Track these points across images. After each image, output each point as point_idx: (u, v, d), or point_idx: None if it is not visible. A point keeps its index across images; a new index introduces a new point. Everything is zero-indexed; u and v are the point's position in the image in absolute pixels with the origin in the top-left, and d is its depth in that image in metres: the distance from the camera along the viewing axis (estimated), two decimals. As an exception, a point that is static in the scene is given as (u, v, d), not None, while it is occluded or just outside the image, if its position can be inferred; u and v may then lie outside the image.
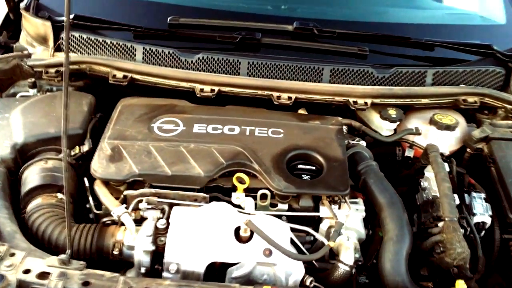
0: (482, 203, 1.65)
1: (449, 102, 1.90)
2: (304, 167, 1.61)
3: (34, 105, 1.77)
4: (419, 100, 1.89)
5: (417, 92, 1.87)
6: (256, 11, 2.08)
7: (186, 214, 1.46)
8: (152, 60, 1.88)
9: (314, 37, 1.98)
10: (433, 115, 1.88)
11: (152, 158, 1.56)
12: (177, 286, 1.28)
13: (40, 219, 1.45)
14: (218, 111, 1.78)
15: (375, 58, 1.94)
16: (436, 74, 1.93)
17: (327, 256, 1.52)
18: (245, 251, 1.40)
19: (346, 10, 2.15)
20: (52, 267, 1.29)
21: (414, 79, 1.92)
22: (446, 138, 1.84)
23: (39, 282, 1.25)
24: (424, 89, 1.89)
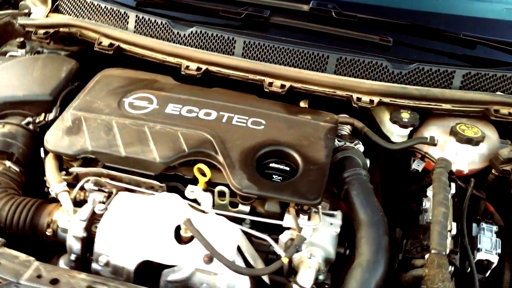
0: (492, 237, 1.35)
1: (477, 111, 1.58)
2: (277, 166, 1.39)
3: (13, 66, 1.68)
4: (439, 104, 1.58)
5: (437, 95, 1.57)
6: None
7: (128, 202, 1.30)
8: (144, 30, 1.72)
9: (331, 21, 1.72)
10: (456, 124, 1.58)
11: (111, 136, 1.41)
12: (91, 282, 1.13)
13: None
14: (200, 92, 1.59)
15: (392, 49, 1.65)
16: (467, 76, 1.60)
17: (286, 272, 1.30)
18: (183, 253, 1.22)
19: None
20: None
21: (438, 80, 1.61)
22: (466, 153, 1.54)
23: None
24: (446, 92, 1.58)
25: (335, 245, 1.32)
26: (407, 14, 1.75)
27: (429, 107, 1.59)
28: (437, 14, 1.75)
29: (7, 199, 1.32)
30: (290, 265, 1.29)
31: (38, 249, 1.33)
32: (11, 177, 1.40)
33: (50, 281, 1.11)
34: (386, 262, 1.23)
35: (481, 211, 1.47)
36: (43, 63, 1.69)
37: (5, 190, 1.35)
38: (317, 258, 1.28)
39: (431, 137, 1.55)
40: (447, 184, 1.35)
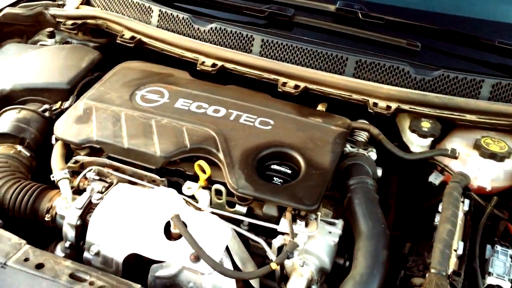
0: (506, 262, 1.24)
1: (506, 124, 1.46)
2: (278, 168, 1.34)
3: (39, 54, 1.73)
4: (463, 115, 1.47)
5: (460, 105, 1.46)
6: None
7: (124, 194, 1.30)
8: (166, 25, 1.72)
9: (357, 22, 1.66)
10: (481, 137, 1.47)
11: (117, 127, 1.41)
12: (74, 269, 1.13)
13: None
14: (213, 88, 1.57)
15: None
16: (497, 86, 1.48)
17: (278, 278, 1.25)
18: (172, 249, 1.20)
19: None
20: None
21: (464, 89, 1.49)
22: (490, 169, 1.43)
23: None
24: (471, 102, 1.46)
25: (331, 255, 1.26)
26: (437, 17, 1.65)
27: (452, 117, 1.48)
28: (470, 19, 1.64)
29: (12, 182, 1.35)
30: (282, 271, 1.24)
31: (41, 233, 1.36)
32: (21, 161, 1.44)
33: (36, 265, 1.13)
34: (381, 277, 1.15)
35: (500, 232, 1.35)
36: (67, 52, 1.73)
37: (12, 173, 1.38)
38: (311, 267, 1.22)
39: (452, 149, 1.45)
40: (459, 200, 1.26)
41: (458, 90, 1.50)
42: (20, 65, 1.67)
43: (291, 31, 1.70)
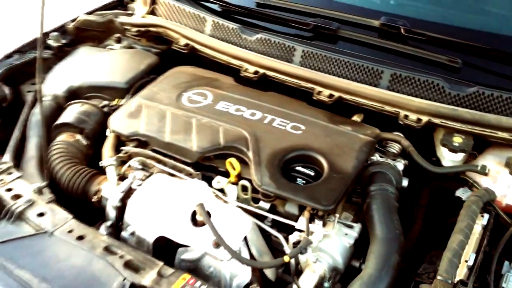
0: (522, 279, 1.23)
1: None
2: (303, 170, 1.42)
3: (104, 57, 1.93)
4: (494, 132, 1.47)
5: (491, 121, 1.46)
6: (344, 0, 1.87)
7: (160, 183, 1.43)
8: (218, 34, 1.86)
9: (400, 38, 1.70)
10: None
11: (162, 123, 1.56)
12: (109, 244, 1.28)
13: (53, 153, 1.58)
14: (254, 94, 1.68)
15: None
16: (534, 105, 1.47)
17: (293, 272, 1.33)
18: (196, 235, 1.31)
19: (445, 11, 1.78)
20: (28, 192, 1.41)
21: (499, 107, 1.49)
22: (519, 186, 1.42)
23: (9, 202, 1.38)
24: (503, 119, 1.46)
25: (345, 256, 1.31)
26: (478, 35, 1.65)
27: (484, 134, 1.49)
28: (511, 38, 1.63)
29: (68, 166, 1.54)
30: (297, 266, 1.32)
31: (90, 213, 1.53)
32: (78, 149, 1.62)
33: (77, 237, 1.29)
34: (390, 280, 1.20)
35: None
36: (129, 56, 1.92)
37: (69, 158, 1.57)
38: (323, 264, 1.29)
39: (482, 165, 1.46)
40: (476, 214, 1.27)
41: (493, 107, 1.50)
42: (88, 65, 1.88)
43: (334, 44, 1.77)
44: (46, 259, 1.23)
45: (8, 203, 1.37)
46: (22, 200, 1.38)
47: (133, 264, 1.22)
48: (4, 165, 1.51)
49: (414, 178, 1.57)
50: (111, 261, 1.22)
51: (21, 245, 1.27)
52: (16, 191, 1.42)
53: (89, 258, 1.23)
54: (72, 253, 1.25)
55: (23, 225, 1.33)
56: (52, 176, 1.54)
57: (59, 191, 1.52)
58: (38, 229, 1.31)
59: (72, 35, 2.10)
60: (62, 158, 1.56)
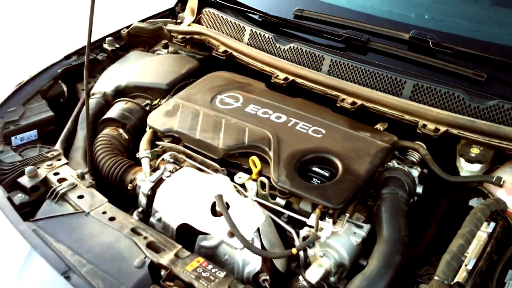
0: (524, 288, 1.26)
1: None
2: (318, 171, 1.50)
3: (153, 60, 2.11)
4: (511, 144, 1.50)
5: (508, 134, 1.48)
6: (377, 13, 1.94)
7: (187, 175, 1.57)
8: (255, 42, 1.98)
9: (428, 51, 1.76)
10: (528, 168, 1.48)
11: (194, 122, 1.69)
12: (136, 226, 1.42)
13: (97, 144, 1.76)
14: (282, 99, 1.78)
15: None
16: (554, 120, 1.48)
17: (302, 265, 1.41)
18: (214, 224, 1.43)
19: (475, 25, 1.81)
20: (72, 176, 1.59)
21: (519, 120, 1.52)
22: (532, 200, 1.43)
23: (55, 184, 1.56)
24: (519, 132, 1.48)
25: (352, 253, 1.38)
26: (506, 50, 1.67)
27: (501, 146, 1.51)
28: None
29: (109, 157, 1.70)
30: (306, 259, 1.40)
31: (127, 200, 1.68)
32: (120, 141, 1.79)
33: (109, 218, 1.44)
34: (390, 278, 1.26)
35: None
36: (172, 61, 2.08)
37: (111, 150, 1.74)
38: (330, 259, 1.36)
39: (497, 177, 1.48)
40: (481, 221, 1.30)
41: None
42: (135, 68, 2.06)
43: (363, 54, 1.85)
44: (81, 235, 1.39)
45: (54, 185, 1.56)
46: (66, 183, 1.56)
47: (154, 245, 1.36)
48: (55, 152, 1.70)
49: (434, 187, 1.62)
50: (136, 240, 1.36)
51: (60, 221, 1.44)
52: (62, 175, 1.60)
53: (117, 236, 1.38)
54: (103, 232, 1.40)
55: (65, 205, 1.50)
56: (95, 164, 1.72)
57: (99, 178, 1.69)
58: (76, 209, 1.48)
59: (125, 40, 2.30)
60: (105, 149, 1.73)
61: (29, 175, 1.57)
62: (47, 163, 1.64)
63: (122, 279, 1.26)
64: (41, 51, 4.44)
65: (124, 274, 1.27)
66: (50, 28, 5.19)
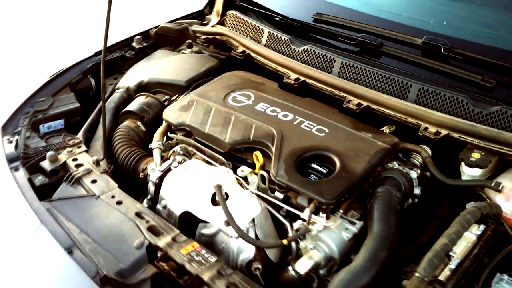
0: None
1: (557, 165, 1.44)
2: (316, 167, 1.55)
3: (175, 59, 2.22)
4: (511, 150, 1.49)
5: (508, 139, 1.48)
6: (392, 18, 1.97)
7: (193, 167, 1.65)
8: (272, 44, 2.05)
9: (439, 56, 1.77)
10: (530, 175, 1.47)
11: (206, 117, 1.78)
12: (140, 210, 1.52)
13: (116, 135, 1.87)
14: (291, 98, 1.84)
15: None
16: (557, 128, 1.47)
17: (294, 257, 1.46)
18: (214, 213, 1.50)
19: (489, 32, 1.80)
20: (88, 163, 1.71)
21: (522, 127, 1.52)
22: (530, 206, 1.42)
23: (73, 168, 1.68)
24: (519, 138, 1.48)
25: (342, 248, 1.41)
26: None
27: (501, 151, 1.51)
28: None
29: (126, 147, 1.81)
30: (298, 252, 1.45)
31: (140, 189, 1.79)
32: (137, 133, 1.90)
33: (117, 202, 1.54)
34: (374, 272, 1.29)
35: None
36: (194, 59, 2.18)
37: (128, 140, 1.85)
38: (320, 252, 1.40)
39: (496, 182, 1.48)
40: (469, 222, 1.31)
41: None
42: (159, 65, 2.17)
43: (376, 58, 1.89)
44: (89, 216, 1.50)
45: (72, 170, 1.68)
46: (82, 169, 1.67)
47: (155, 229, 1.44)
48: (76, 140, 1.83)
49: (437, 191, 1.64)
50: (138, 223, 1.45)
51: (73, 203, 1.55)
52: (80, 161, 1.72)
53: (122, 219, 1.48)
54: (109, 214, 1.50)
55: (79, 188, 1.62)
56: (113, 153, 1.83)
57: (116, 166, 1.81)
58: (89, 193, 1.59)
59: (153, 39, 2.42)
60: (122, 140, 1.84)
61: (50, 160, 1.70)
62: (67, 149, 1.77)
63: (121, 258, 1.35)
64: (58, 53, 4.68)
65: (123, 254, 1.36)
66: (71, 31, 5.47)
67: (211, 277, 1.29)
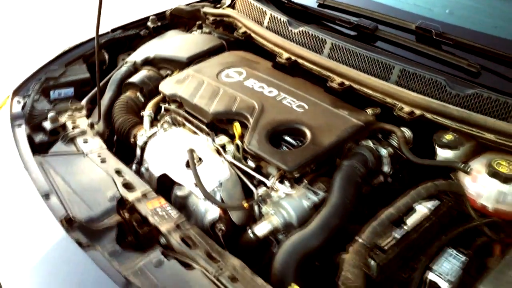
0: (454, 265, 1.27)
1: (525, 149, 1.43)
2: (288, 139, 1.61)
3: (182, 38, 2.32)
4: (481, 132, 1.48)
5: (478, 121, 1.48)
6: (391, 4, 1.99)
7: (176, 134, 1.74)
8: (272, 26, 2.12)
9: (430, 40, 1.78)
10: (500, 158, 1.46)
11: (196, 90, 1.87)
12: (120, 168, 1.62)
13: (117, 103, 2.00)
14: (280, 76, 1.90)
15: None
16: (530, 112, 1.45)
17: (257, 218, 1.52)
18: (186, 176, 1.59)
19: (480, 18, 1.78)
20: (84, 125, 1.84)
21: (496, 110, 1.50)
22: (493, 189, 1.41)
23: (70, 129, 1.82)
24: (489, 120, 1.46)
25: (301, 216, 1.45)
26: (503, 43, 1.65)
27: (472, 133, 1.51)
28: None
29: (122, 114, 1.94)
30: (260, 216, 1.52)
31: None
32: (136, 103, 2.01)
33: (101, 160, 1.66)
34: (323, 238, 1.34)
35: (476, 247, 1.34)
36: (199, 39, 2.28)
37: (126, 109, 1.97)
38: (279, 217, 1.46)
39: (465, 164, 1.48)
40: (420, 196, 1.34)
41: (490, 110, 1.51)
42: (167, 43, 2.29)
43: (369, 42, 1.91)
44: (74, 170, 1.62)
45: (69, 131, 1.81)
46: (77, 130, 1.81)
47: (129, 185, 1.55)
48: (78, 105, 1.97)
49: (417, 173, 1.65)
50: (115, 179, 1.57)
51: (63, 158, 1.69)
52: (77, 124, 1.86)
53: (102, 175, 1.59)
54: (93, 170, 1.62)
55: (71, 147, 1.75)
56: (112, 120, 1.96)
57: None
58: (79, 151, 1.72)
59: (168, 20, 2.54)
60: (121, 108, 1.97)
61: (50, 120, 1.84)
62: (68, 113, 1.91)
63: (93, 207, 1.46)
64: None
65: (96, 204, 1.48)
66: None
67: (168, 229, 1.37)
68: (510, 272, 1.15)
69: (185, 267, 1.27)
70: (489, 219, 1.39)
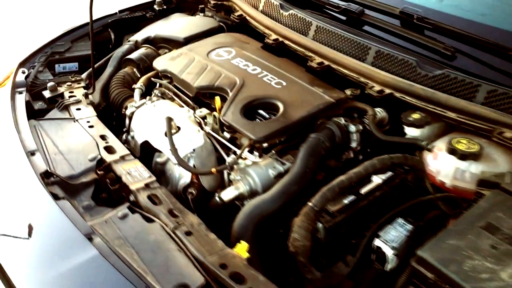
0: (400, 233, 1.32)
1: (483, 128, 1.46)
2: (261, 113, 1.69)
3: (183, 20, 2.43)
4: (444, 111, 1.52)
5: (440, 100, 1.52)
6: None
7: (161, 105, 1.85)
8: (266, 9, 2.19)
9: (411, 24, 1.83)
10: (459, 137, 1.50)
11: (185, 66, 1.97)
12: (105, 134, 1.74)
13: (114, 78, 2.12)
14: (267, 57, 1.97)
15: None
16: (493, 93, 1.47)
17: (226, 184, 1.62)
18: (165, 143, 1.69)
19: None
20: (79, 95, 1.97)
21: (462, 90, 1.53)
22: (450, 165, 1.45)
23: (66, 98, 1.95)
24: (451, 99, 1.50)
25: (265, 184, 1.52)
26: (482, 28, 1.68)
27: (436, 112, 1.55)
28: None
29: (117, 87, 2.06)
30: (229, 183, 1.60)
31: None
32: (132, 78, 2.13)
33: (89, 126, 1.78)
34: (280, 204, 1.41)
35: (428, 219, 1.39)
36: (198, 21, 2.38)
37: (122, 83, 2.09)
38: (245, 185, 1.54)
39: (427, 141, 1.53)
40: (374, 166, 1.39)
41: (457, 90, 1.55)
42: (168, 24, 2.40)
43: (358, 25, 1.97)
44: (64, 133, 1.75)
45: (65, 99, 1.95)
46: (72, 99, 1.94)
47: (111, 149, 1.66)
48: (78, 78, 2.10)
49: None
50: (99, 143, 1.68)
51: (56, 122, 1.81)
52: (74, 94, 1.99)
53: (88, 139, 1.71)
54: (80, 134, 1.74)
55: (65, 113, 1.88)
56: (108, 93, 2.08)
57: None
58: (71, 117, 1.84)
59: (174, 4, 2.65)
60: (117, 82, 2.09)
61: (49, 89, 1.98)
62: (67, 83, 2.05)
63: (75, 166, 1.58)
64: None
65: (78, 163, 1.60)
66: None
67: (137, 188, 1.47)
68: (448, 241, 1.19)
69: (147, 221, 1.37)
70: (444, 194, 1.43)
